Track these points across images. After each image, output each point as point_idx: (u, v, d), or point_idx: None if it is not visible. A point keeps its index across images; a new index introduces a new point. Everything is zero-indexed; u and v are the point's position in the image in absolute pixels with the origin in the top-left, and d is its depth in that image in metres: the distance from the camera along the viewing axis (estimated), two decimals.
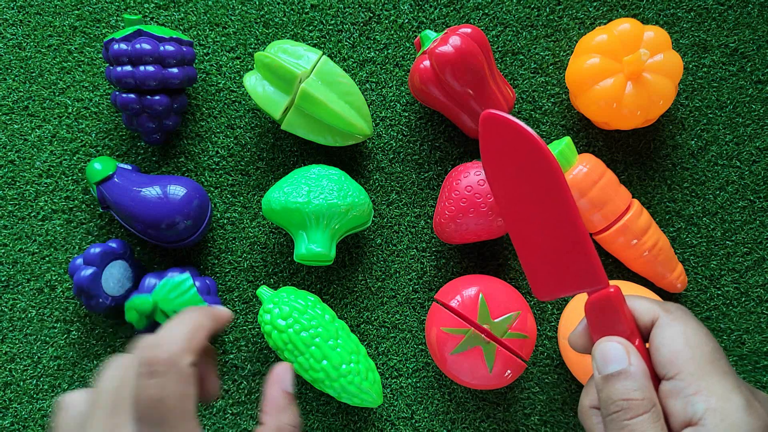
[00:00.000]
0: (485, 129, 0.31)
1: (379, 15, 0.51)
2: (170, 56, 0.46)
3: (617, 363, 0.27)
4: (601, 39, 0.45)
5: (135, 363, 0.26)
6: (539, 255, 0.31)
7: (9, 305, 0.50)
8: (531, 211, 0.30)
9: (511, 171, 0.31)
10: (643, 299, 0.30)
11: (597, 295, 0.29)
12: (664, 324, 0.28)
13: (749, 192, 0.51)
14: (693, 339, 0.27)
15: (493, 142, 0.31)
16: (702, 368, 0.26)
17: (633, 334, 0.28)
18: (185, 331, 0.27)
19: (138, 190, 0.46)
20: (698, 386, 0.26)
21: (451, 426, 0.50)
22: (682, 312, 0.29)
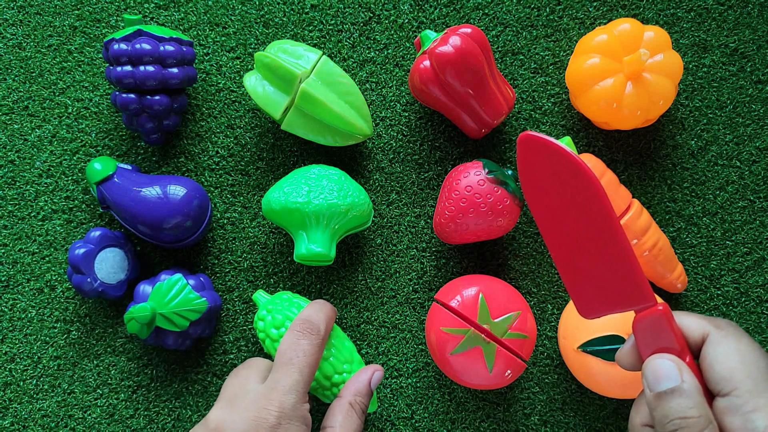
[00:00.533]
0: (523, 150, 0.31)
1: (379, 15, 0.51)
2: (170, 56, 0.46)
3: (670, 380, 0.27)
4: (601, 39, 0.45)
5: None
6: (583, 274, 0.31)
7: (9, 305, 0.50)
8: (574, 231, 0.30)
9: (552, 192, 0.31)
10: (692, 316, 0.30)
11: (645, 313, 0.29)
12: (716, 340, 0.28)
13: (749, 192, 0.51)
14: (748, 355, 0.27)
15: (532, 163, 0.31)
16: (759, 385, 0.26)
17: (683, 351, 0.28)
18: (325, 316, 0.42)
19: (138, 190, 0.46)
20: (756, 403, 0.26)
21: (451, 426, 0.50)
22: (734, 328, 0.29)
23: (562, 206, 0.30)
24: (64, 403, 0.50)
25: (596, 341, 0.43)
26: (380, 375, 0.42)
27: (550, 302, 0.51)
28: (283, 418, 0.35)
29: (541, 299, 0.51)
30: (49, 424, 0.50)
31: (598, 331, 0.43)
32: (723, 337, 0.28)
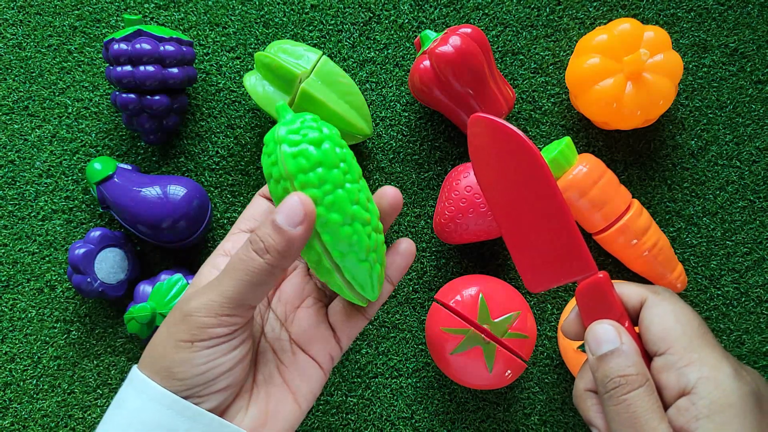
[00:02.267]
0: (473, 131, 0.32)
1: (379, 15, 0.51)
2: (170, 56, 0.46)
3: (610, 343, 0.29)
4: (601, 39, 0.45)
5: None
6: (531, 249, 0.32)
7: (9, 305, 0.50)
8: (521, 208, 0.32)
9: (500, 170, 0.32)
10: (631, 284, 0.31)
11: (587, 282, 0.30)
12: (652, 304, 0.30)
13: (749, 192, 0.51)
14: (682, 316, 0.29)
15: (481, 144, 0.32)
16: (692, 342, 0.28)
17: (623, 316, 0.30)
18: None
19: (138, 190, 0.46)
20: (690, 358, 0.27)
21: (451, 426, 0.50)
22: (669, 293, 0.31)
23: (509, 183, 0.32)
24: (64, 403, 0.50)
25: None
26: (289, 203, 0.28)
27: (550, 302, 0.51)
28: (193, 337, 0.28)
29: (541, 299, 0.51)
30: (49, 424, 0.50)
31: None
32: (659, 300, 0.30)
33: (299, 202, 0.28)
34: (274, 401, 0.31)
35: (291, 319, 0.34)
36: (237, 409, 0.30)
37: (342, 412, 0.50)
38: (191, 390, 0.28)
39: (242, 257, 0.28)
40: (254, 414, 0.30)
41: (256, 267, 0.28)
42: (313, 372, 0.33)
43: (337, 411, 0.50)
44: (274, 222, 0.28)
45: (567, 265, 0.31)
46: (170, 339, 0.29)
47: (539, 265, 0.32)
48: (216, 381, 0.29)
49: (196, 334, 0.28)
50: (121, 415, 0.29)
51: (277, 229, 0.28)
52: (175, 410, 0.28)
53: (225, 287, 0.28)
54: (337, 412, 0.50)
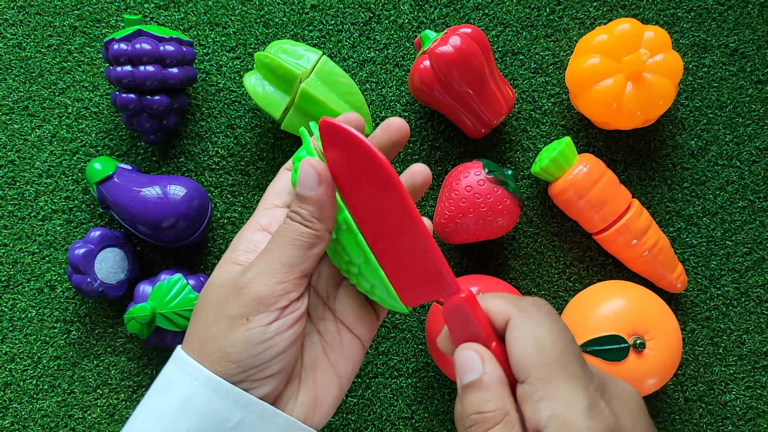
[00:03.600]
0: (324, 138, 0.29)
1: (379, 15, 0.51)
2: (170, 56, 0.46)
3: (473, 372, 0.26)
4: (601, 39, 0.45)
5: None
6: (396, 263, 0.29)
7: (9, 305, 0.50)
8: (381, 221, 0.29)
9: (356, 180, 0.29)
10: (499, 298, 0.28)
11: (449, 302, 0.27)
12: (515, 325, 0.26)
13: (749, 192, 0.51)
14: (544, 340, 0.25)
15: (334, 151, 0.29)
16: (549, 372, 0.24)
17: (490, 337, 0.27)
18: None
19: (138, 190, 0.46)
20: (544, 392, 0.24)
21: (451, 426, 0.50)
22: (537, 309, 0.27)
23: (367, 195, 0.29)
24: (64, 403, 0.50)
25: (596, 341, 0.43)
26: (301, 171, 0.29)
27: (550, 302, 0.51)
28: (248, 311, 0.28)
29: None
30: (49, 424, 0.50)
31: (598, 331, 0.43)
32: (522, 320, 0.26)
33: (309, 166, 0.28)
34: (321, 386, 0.30)
35: (333, 297, 0.32)
36: (288, 396, 0.29)
37: (342, 412, 0.50)
38: (245, 373, 0.27)
39: (286, 225, 0.29)
40: (304, 400, 0.29)
41: (303, 231, 0.28)
42: (356, 351, 0.32)
43: (337, 411, 0.50)
44: (296, 194, 0.29)
45: (431, 283, 0.28)
46: (222, 317, 0.27)
47: (407, 281, 0.29)
48: (271, 363, 0.28)
49: (252, 309, 0.27)
50: (172, 400, 0.27)
51: (302, 198, 0.28)
52: (229, 399, 0.27)
53: (276, 254, 0.28)
54: (337, 412, 0.50)
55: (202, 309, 0.29)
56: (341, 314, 0.32)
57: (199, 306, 0.29)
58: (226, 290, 0.28)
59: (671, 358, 0.43)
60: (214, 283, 0.29)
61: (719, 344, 0.50)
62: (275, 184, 0.33)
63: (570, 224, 0.51)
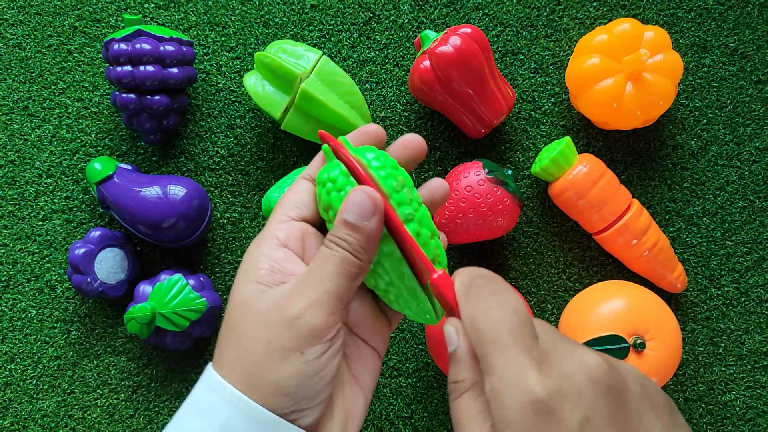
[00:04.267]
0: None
1: (379, 15, 0.51)
2: (170, 56, 0.46)
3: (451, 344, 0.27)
4: (601, 39, 0.45)
5: None
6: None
7: (9, 305, 0.50)
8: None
9: None
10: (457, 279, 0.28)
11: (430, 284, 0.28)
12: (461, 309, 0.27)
13: (749, 192, 0.51)
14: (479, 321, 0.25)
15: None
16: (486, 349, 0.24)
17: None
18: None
19: (138, 190, 0.46)
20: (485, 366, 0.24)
21: (451, 426, 0.50)
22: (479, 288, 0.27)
23: None
24: (64, 403, 0.50)
25: (596, 341, 0.43)
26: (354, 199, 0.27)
27: (550, 302, 0.51)
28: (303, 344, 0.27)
29: (541, 299, 0.51)
30: (49, 424, 0.50)
31: (598, 331, 0.43)
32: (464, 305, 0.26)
33: (366, 196, 0.27)
34: (350, 401, 0.30)
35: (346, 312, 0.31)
36: (327, 417, 0.29)
37: None
38: (298, 404, 0.27)
39: (331, 254, 0.27)
40: (338, 418, 0.29)
41: (352, 262, 0.27)
42: (374, 361, 0.31)
43: None
44: (346, 221, 0.27)
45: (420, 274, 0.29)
46: (273, 348, 0.26)
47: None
48: (321, 392, 0.27)
49: (307, 342, 0.26)
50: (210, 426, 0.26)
51: (353, 227, 0.27)
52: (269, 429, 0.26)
53: (327, 285, 0.27)
54: None
55: (243, 336, 0.27)
56: (356, 327, 0.32)
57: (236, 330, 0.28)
58: (274, 319, 0.27)
59: (671, 358, 0.43)
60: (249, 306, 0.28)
61: (719, 344, 0.50)
62: (291, 195, 0.31)
63: (570, 224, 0.51)
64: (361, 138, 0.31)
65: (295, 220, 0.30)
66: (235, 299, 0.29)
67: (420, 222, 0.29)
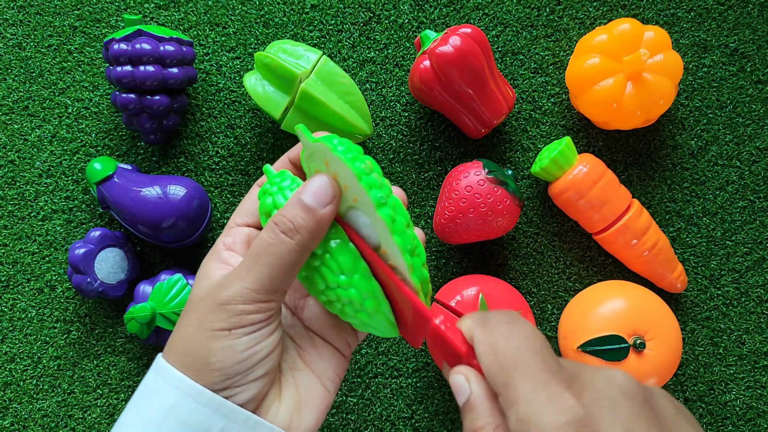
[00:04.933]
0: None
1: (379, 15, 0.51)
2: (170, 56, 0.46)
3: (462, 394, 0.26)
4: (601, 39, 0.45)
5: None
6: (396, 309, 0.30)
7: (9, 305, 0.50)
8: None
9: None
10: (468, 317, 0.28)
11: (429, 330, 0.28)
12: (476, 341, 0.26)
13: (749, 192, 0.51)
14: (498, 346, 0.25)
15: None
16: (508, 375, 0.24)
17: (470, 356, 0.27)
18: None
19: (138, 190, 0.46)
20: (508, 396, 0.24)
21: (451, 426, 0.50)
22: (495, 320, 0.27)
23: None
24: (64, 403, 0.50)
25: (596, 341, 0.43)
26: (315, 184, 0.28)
27: (550, 302, 0.51)
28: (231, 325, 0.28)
29: (541, 299, 0.51)
30: (49, 424, 0.50)
31: (598, 331, 0.43)
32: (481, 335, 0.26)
33: (328, 182, 0.28)
34: (304, 387, 0.31)
35: (301, 306, 0.33)
36: (271, 399, 0.30)
37: (342, 412, 0.50)
38: (230, 380, 0.28)
39: (270, 241, 0.28)
40: (287, 403, 0.30)
41: (286, 249, 0.27)
42: (333, 355, 0.32)
43: (337, 411, 0.50)
44: (301, 202, 0.27)
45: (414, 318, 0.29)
46: (204, 330, 0.28)
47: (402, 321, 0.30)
48: (254, 369, 0.28)
49: (236, 322, 0.27)
50: (155, 408, 0.28)
51: (306, 209, 0.27)
52: (212, 408, 0.27)
53: (258, 273, 0.28)
54: (337, 412, 0.50)
55: (182, 322, 0.29)
56: (311, 323, 0.33)
57: (180, 319, 0.30)
58: (207, 304, 0.28)
59: (671, 358, 0.43)
60: (193, 298, 0.30)
61: (719, 344, 0.50)
62: (242, 204, 0.33)
63: (570, 224, 0.51)
64: None
65: (242, 226, 0.32)
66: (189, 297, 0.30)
67: (394, 208, 0.28)
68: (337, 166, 0.28)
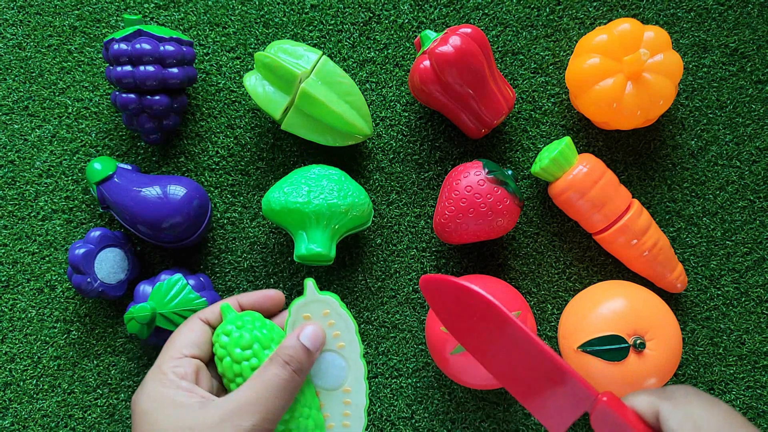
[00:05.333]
0: (428, 293, 0.33)
1: (379, 15, 0.51)
2: (170, 56, 0.46)
3: None
4: (601, 39, 0.45)
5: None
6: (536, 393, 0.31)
7: (9, 305, 0.50)
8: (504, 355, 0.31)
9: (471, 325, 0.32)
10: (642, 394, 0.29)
11: (595, 410, 0.29)
12: (668, 415, 0.27)
13: (749, 192, 0.51)
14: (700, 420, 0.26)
15: (440, 301, 0.33)
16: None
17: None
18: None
19: (138, 190, 0.46)
20: None
21: (451, 426, 0.50)
22: (684, 392, 0.28)
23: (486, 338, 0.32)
24: (64, 403, 0.50)
25: (596, 341, 0.43)
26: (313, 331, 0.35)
27: (550, 302, 0.51)
28: None
29: (541, 299, 0.51)
30: (49, 424, 0.50)
31: (598, 331, 0.43)
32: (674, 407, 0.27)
33: (320, 331, 0.35)
34: None
35: None
36: None
37: None
38: None
39: (287, 378, 0.32)
40: None
41: (295, 385, 0.33)
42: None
43: None
44: (304, 345, 0.34)
45: (573, 400, 0.30)
46: None
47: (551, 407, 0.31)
48: None
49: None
50: None
51: (307, 352, 0.34)
52: None
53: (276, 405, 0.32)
54: None
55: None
56: None
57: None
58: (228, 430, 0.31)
59: (671, 358, 0.43)
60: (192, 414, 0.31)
61: (719, 344, 0.50)
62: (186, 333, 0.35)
63: (570, 224, 0.51)
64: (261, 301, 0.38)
65: (189, 357, 0.34)
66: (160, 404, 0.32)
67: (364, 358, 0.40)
68: (339, 319, 0.36)
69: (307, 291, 0.36)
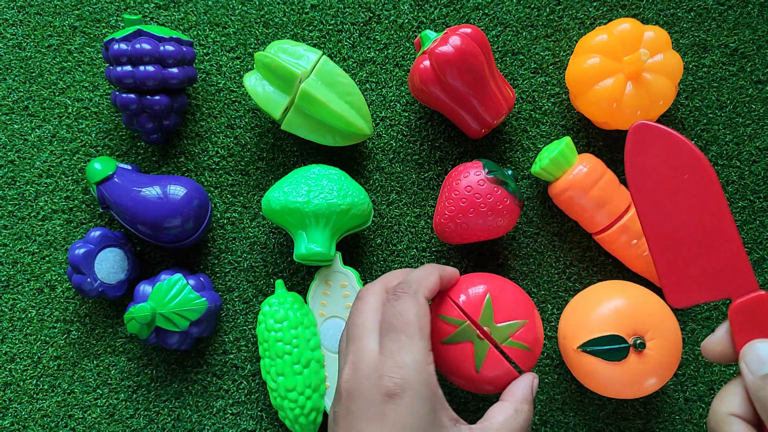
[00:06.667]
0: (636, 138, 0.33)
1: (379, 15, 0.51)
2: (170, 56, 0.46)
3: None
4: (601, 39, 0.45)
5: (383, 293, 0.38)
6: (683, 262, 0.32)
7: (9, 305, 0.50)
8: (680, 218, 0.32)
9: (662, 179, 0.32)
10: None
11: (746, 300, 0.29)
12: None
13: (749, 192, 0.51)
14: None
15: (642, 151, 0.33)
16: None
17: None
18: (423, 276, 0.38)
19: (138, 190, 0.46)
20: None
21: None
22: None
23: (671, 193, 0.32)
24: (64, 403, 0.50)
25: (596, 341, 0.43)
26: (537, 382, 0.40)
27: (550, 302, 0.51)
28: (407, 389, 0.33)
29: (541, 299, 0.51)
30: (49, 424, 0.50)
31: (598, 331, 0.43)
32: None
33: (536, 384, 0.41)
34: None
35: None
36: None
37: None
38: None
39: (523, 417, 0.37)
40: None
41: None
42: None
43: None
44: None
45: (723, 282, 0.30)
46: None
47: (691, 278, 0.31)
48: None
49: None
50: None
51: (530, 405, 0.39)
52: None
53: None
54: None
55: None
56: None
57: None
58: None
59: (671, 358, 0.43)
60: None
61: None
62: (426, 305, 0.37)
63: (570, 224, 0.51)
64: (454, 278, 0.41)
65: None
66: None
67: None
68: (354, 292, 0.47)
69: (334, 261, 0.47)
